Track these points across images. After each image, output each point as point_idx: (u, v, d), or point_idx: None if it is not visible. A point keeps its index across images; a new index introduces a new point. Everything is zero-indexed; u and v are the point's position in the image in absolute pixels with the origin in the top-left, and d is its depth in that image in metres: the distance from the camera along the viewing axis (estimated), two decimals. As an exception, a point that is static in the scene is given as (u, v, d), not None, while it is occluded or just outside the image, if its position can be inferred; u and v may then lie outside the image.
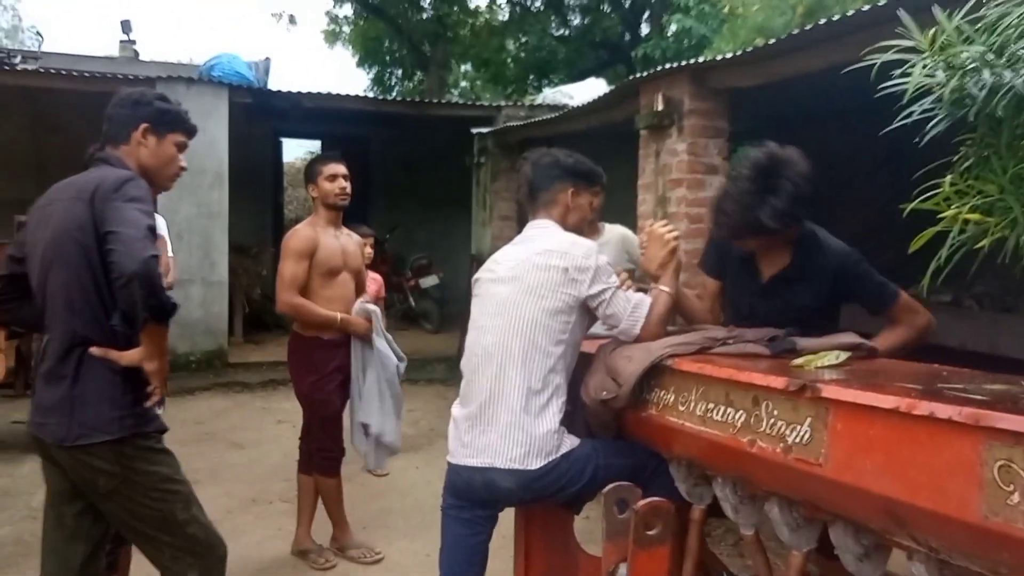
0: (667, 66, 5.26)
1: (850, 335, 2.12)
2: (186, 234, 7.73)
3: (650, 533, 1.43)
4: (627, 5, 17.08)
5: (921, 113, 1.62)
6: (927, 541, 1.44)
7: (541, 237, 2.40)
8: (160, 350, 2.23)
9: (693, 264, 4.90)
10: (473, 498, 2.32)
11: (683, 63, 5.08)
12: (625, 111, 5.97)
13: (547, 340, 2.26)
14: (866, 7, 3.42)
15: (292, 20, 18.23)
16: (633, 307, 2.29)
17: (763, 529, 2.03)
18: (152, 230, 2.14)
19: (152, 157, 2.41)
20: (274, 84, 9.87)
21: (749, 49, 4.61)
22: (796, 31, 4.09)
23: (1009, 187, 1.42)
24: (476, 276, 2.52)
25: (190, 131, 2.51)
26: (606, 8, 17.19)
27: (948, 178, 1.55)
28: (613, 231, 3.78)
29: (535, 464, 2.21)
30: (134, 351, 2.21)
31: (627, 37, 17.11)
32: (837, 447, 1.55)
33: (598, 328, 2.48)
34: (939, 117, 1.55)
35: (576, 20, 18.10)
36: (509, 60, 19.08)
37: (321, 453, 3.68)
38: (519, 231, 2.56)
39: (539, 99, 10.39)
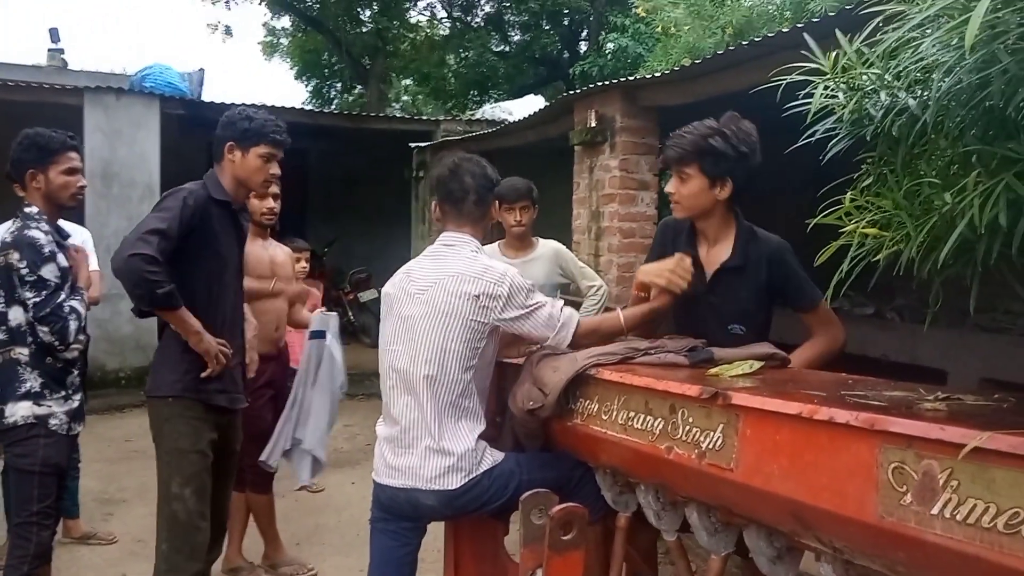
0: (599, 84, 5.36)
1: (765, 345, 2.20)
2: (114, 246, 7.51)
3: (565, 538, 1.46)
4: (566, 23, 17.30)
5: (824, 132, 1.70)
6: (831, 542, 1.51)
7: (453, 257, 2.37)
8: (186, 331, 2.63)
9: (626, 278, 5.00)
10: (398, 513, 2.34)
11: (615, 81, 5.18)
12: (561, 127, 6.06)
13: (457, 366, 2.27)
14: (786, 29, 3.55)
15: (228, 31, 17.98)
16: (560, 325, 2.32)
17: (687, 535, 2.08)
18: (157, 232, 2.50)
19: (240, 169, 2.81)
20: (209, 96, 9.74)
21: (676, 68, 4.73)
22: (721, 52, 4.21)
23: (903, 203, 1.50)
24: (386, 290, 2.49)
25: (275, 143, 2.82)
26: (545, 25, 17.38)
27: (848, 194, 1.63)
28: (546, 246, 3.83)
29: (455, 483, 2.24)
30: None
31: (566, 55, 17.33)
32: (747, 452, 1.61)
33: None
34: (840, 136, 1.63)
35: (516, 36, 18.27)
36: (450, 75, 19.14)
37: (253, 470, 3.62)
38: None
39: (478, 114, 10.46)
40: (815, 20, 3.19)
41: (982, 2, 1.00)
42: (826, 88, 1.68)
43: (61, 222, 4.09)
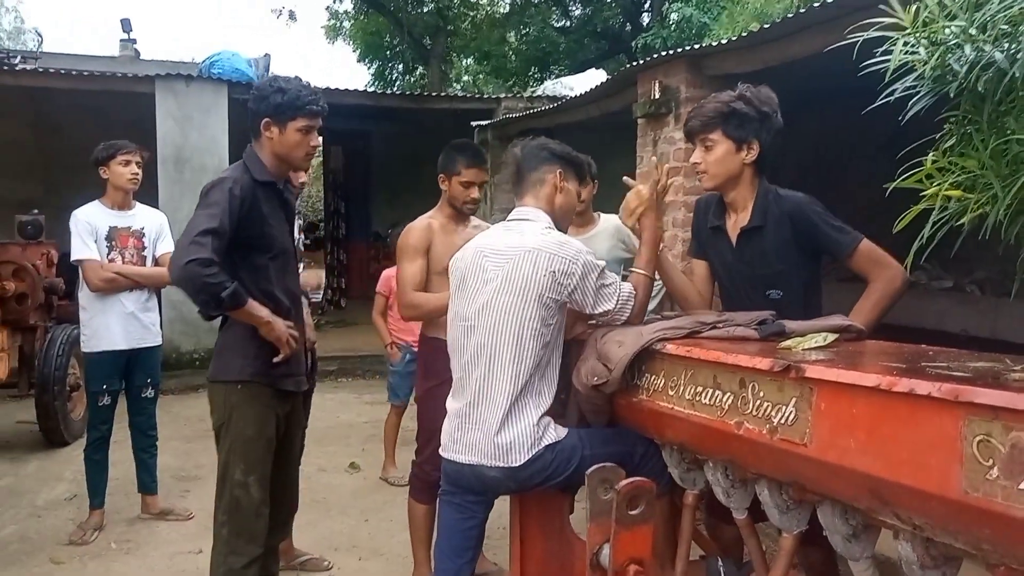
0: (663, 54, 5.24)
1: (838, 317, 2.11)
2: (188, 231, 7.74)
3: (632, 513, 1.43)
4: (628, -5, 17.05)
5: (904, 90, 1.62)
6: (911, 519, 1.44)
7: (529, 232, 2.35)
8: (256, 322, 2.61)
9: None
10: (465, 486, 2.35)
11: (679, 50, 5.06)
12: (623, 100, 5.95)
13: (534, 342, 2.25)
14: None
15: (292, 16, 18.21)
16: (624, 301, 2.31)
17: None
18: (209, 232, 2.43)
19: (280, 146, 2.68)
20: (274, 80, 9.87)
21: (743, 35, 4.59)
22: (791, 15, 4.07)
23: (989, 162, 1.41)
24: (456, 264, 2.49)
25: (312, 114, 2.67)
26: (607, -2, 17.16)
27: (930, 156, 1.55)
28: (608, 221, 3.76)
29: (519, 459, 2.22)
30: None
31: (628, 27, 17.06)
32: (821, 427, 1.55)
33: None
34: (921, 94, 1.55)
35: (577, 11, 18.06)
36: (510, 52, 19.04)
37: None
38: None
39: (539, 91, 10.36)
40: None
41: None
42: (906, 44, 1.59)
43: (140, 205, 4.25)
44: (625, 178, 2.72)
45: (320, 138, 2.78)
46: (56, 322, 5.81)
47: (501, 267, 2.30)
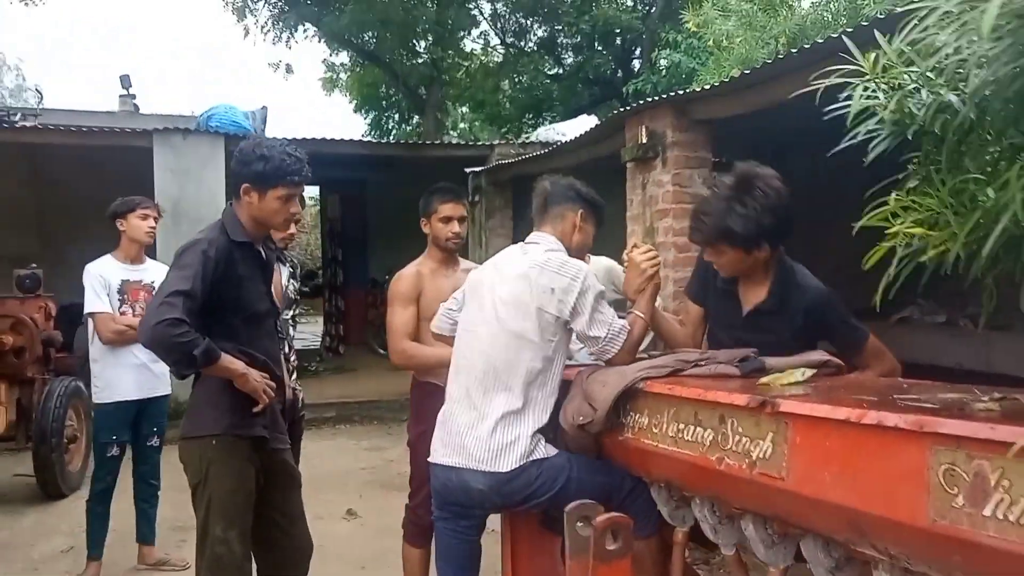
0: (649, 100, 5.36)
1: (819, 353, 2.16)
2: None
3: (611, 548, 1.46)
4: (618, 43, 17.34)
5: (867, 134, 1.68)
6: (886, 549, 1.47)
7: (534, 252, 2.45)
8: (231, 376, 2.59)
9: (682, 291, 4.95)
10: (452, 501, 2.40)
11: (664, 96, 5.18)
12: (612, 145, 6.07)
13: (530, 354, 2.33)
14: (834, 34, 3.51)
15: (289, 69, 18.47)
16: (616, 333, 2.35)
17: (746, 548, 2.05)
18: (180, 293, 2.44)
19: (259, 211, 2.69)
20: (272, 132, 10.03)
21: (726, 80, 4.70)
22: (770, 61, 4.18)
23: (948, 200, 1.47)
24: (473, 276, 2.63)
25: (293, 184, 2.69)
26: (598, 46, 17.45)
27: (893, 195, 1.60)
28: (598, 262, 3.81)
29: (506, 467, 2.28)
30: None
31: (619, 74, 17.35)
32: (797, 460, 1.59)
33: (582, 356, 2.55)
34: (881, 137, 1.61)
35: (569, 59, 18.36)
36: (505, 100, 19.33)
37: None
38: None
39: (532, 137, 10.53)
40: (863, 24, 3.16)
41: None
42: (866, 89, 1.66)
43: (150, 260, 4.32)
44: (625, 255, 2.68)
45: (299, 206, 2.83)
46: (54, 374, 5.84)
47: (507, 282, 2.41)
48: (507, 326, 2.36)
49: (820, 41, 3.58)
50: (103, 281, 4.10)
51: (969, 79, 1.37)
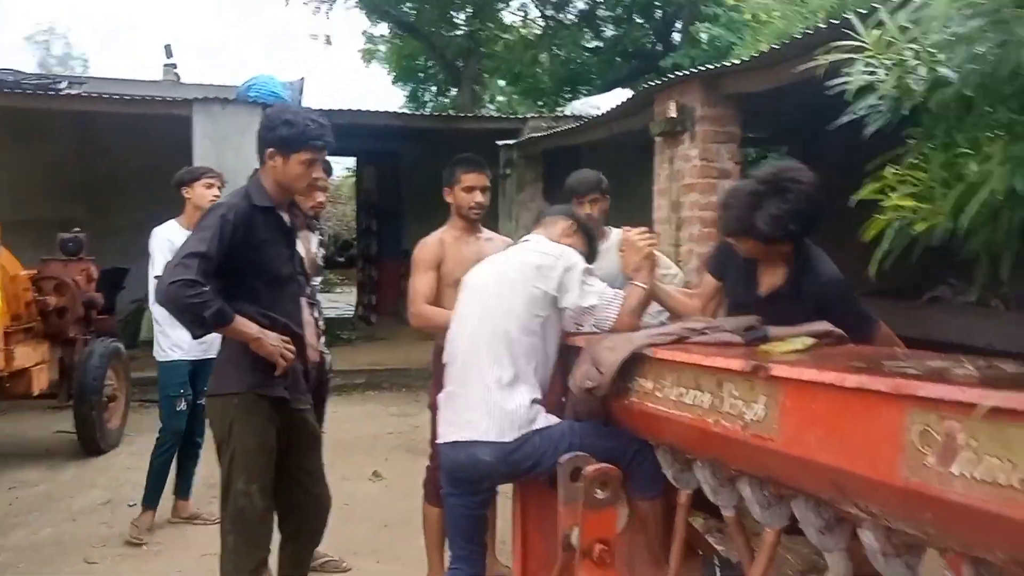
0: (679, 74, 5.36)
1: (822, 324, 2.20)
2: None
3: (599, 496, 1.54)
4: (658, 16, 17.16)
5: (868, 109, 1.72)
6: (868, 507, 1.53)
7: (525, 244, 2.74)
8: (246, 339, 2.68)
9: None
10: (463, 477, 2.50)
11: (693, 71, 5.18)
12: (642, 119, 6.08)
13: (519, 327, 2.46)
14: (863, 9, 3.49)
15: (328, 40, 18.63)
16: (609, 300, 2.49)
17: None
18: (196, 255, 2.55)
19: (282, 175, 2.78)
20: (310, 103, 10.17)
21: (755, 55, 4.69)
22: (800, 35, 4.17)
23: (939, 173, 1.51)
24: (468, 275, 2.77)
25: (316, 148, 2.76)
26: (638, 19, 17.29)
27: (888, 169, 1.65)
28: (619, 235, 3.84)
29: (509, 436, 2.38)
30: None
31: (659, 47, 17.18)
32: (787, 422, 1.65)
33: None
34: (881, 113, 1.64)
35: (609, 31, 18.22)
36: (542, 73, 19.25)
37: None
38: None
39: (567, 110, 10.54)
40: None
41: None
42: (867, 65, 1.69)
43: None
44: (622, 232, 2.88)
45: (322, 171, 2.92)
46: (95, 335, 6.06)
47: (496, 267, 2.63)
48: (497, 304, 2.52)
49: (847, 16, 3.56)
50: (171, 245, 4.22)
51: (957, 55, 1.41)
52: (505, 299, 2.51)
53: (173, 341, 4.27)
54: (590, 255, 2.81)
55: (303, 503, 2.98)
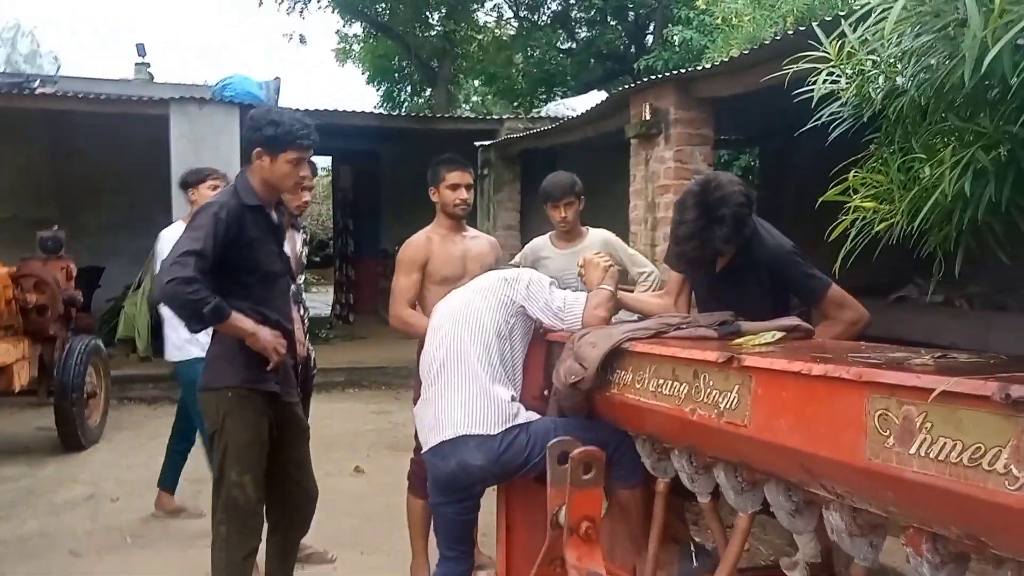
0: (653, 78, 5.49)
1: (790, 319, 2.33)
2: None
3: (585, 477, 1.64)
4: (631, 18, 17.35)
5: (830, 115, 1.84)
6: (834, 488, 1.65)
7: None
8: (242, 334, 2.76)
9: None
10: (454, 487, 2.56)
11: (667, 74, 5.30)
12: (618, 122, 6.20)
13: (493, 331, 2.63)
14: (828, 17, 3.63)
15: (302, 40, 18.54)
16: (574, 299, 2.69)
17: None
18: (192, 253, 2.60)
19: (270, 174, 2.85)
20: (285, 103, 10.18)
21: (726, 60, 4.83)
22: (768, 42, 4.30)
23: (897, 176, 1.63)
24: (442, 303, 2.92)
25: (302, 148, 2.85)
26: (611, 21, 17.46)
27: (852, 173, 1.77)
28: (596, 235, 3.94)
29: (495, 429, 2.47)
30: None
31: (632, 49, 17.36)
32: (758, 409, 1.76)
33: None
34: (842, 119, 1.77)
35: (582, 33, 18.38)
36: (517, 74, 19.37)
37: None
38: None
39: (543, 112, 10.65)
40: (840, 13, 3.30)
41: None
42: (830, 74, 1.81)
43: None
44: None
45: (308, 170, 2.97)
46: (74, 333, 6.07)
47: (470, 286, 2.84)
48: (471, 313, 2.67)
49: (816, 23, 3.70)
50: None
51: (911, 67, 1.53)
52: (478, 308, 2.67)
53: (182, 341, 4.23)
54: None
55: (292, 494, 3.06)
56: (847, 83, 1.76)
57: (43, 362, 5.89)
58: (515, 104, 18.67)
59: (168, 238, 4.34)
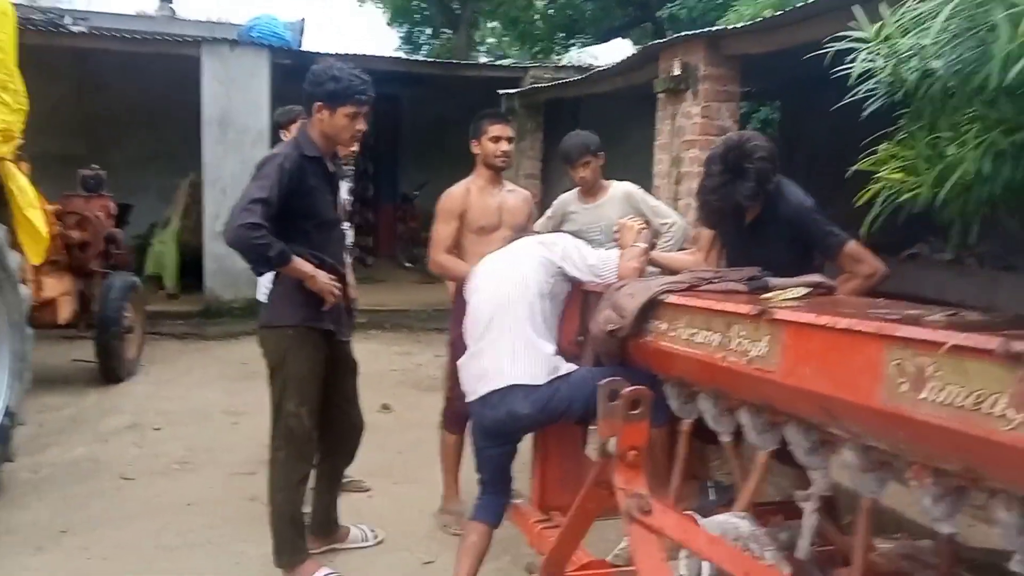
0: (684, 33, 5.58)
1: (815, 276, 2.51)
2: (230, 188, 8.08)
3: (633, 412, 1.85)
4: (656, -37, 17.12)
5: (866, 92, 2.00)
6: (850, 428, 1.86)
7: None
8: (301, 276, 2.97)
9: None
10: (500, 432, 2.79)
11: (699, 31, 5.40)
12: (646, 75, 6.29)
13: (536, 290, 2.81)
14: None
15: (323, -22, 18.48)
16: (608, 256, 2.90)
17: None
18: (259, 201, 2.80)
19: (329, 127, 3.04)
20: (308, 43, 10.24)
21: (759, 19, 4.92)
22: (800, 5, 4.40)
23: (924, 151, 1.80)
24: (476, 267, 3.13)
25: (359, 102, 3.02)
26: (635, -35, 17.24)
27: (883, 145, 1.94)
28: (617, 188, 4.08)
29: (541, 380, 2.70)
30: None
31: (656, -5, 17.18)
32: (786, 357, 1.96)
33: None
34: (877, 96, 1.93)
35: (607, -23, 18.14)
36: (537, 18, 19.19)
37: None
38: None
39: (565, 60, 10.66)
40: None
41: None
42: (869, 53, 1.97)
43: None
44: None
45: (364, 124, 3.09)
46: (113, 269, 6.30)
47: (508, 249, 3.02)
48: (515, 272, 2.85)
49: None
50: None
51: (945, 54, 1.69)
52: (522, 269, 2.85)
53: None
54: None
55: (342, 425, 3.31)
56: (883, 63, 1.91)
57: (83, 297, 6.13)
58: (534, 49, 18.55)
59: None
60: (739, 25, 5.11)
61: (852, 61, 2.01)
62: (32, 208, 4.22)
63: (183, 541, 3.56)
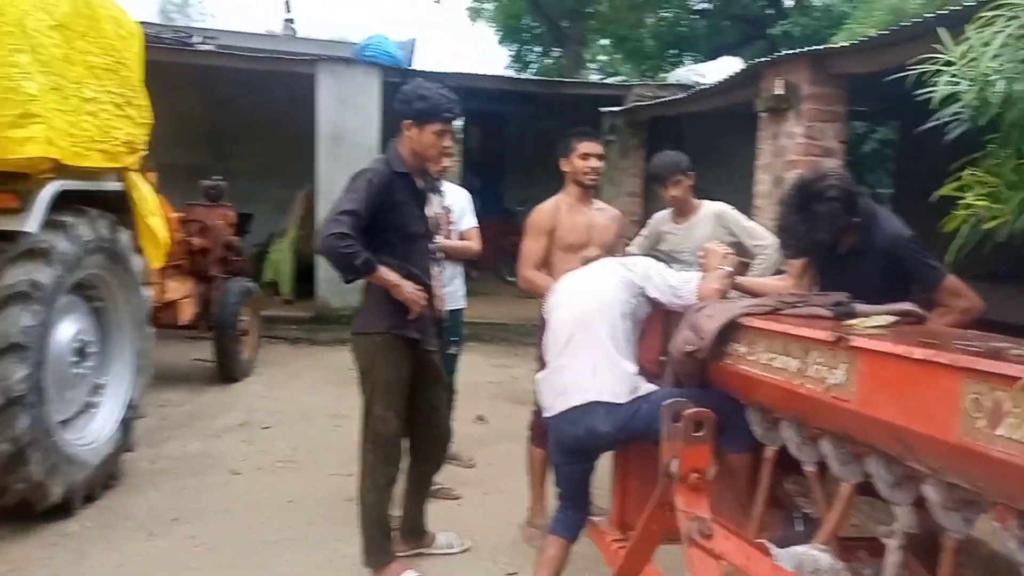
0: (787, 52, 5.50)
1: (906, 304, 2.45)
2: (342, 202, 8.43)
3: (696, 434, 1.87)
4: (770, -21, 16.83)
5: (951, 116, 1.96)
6: (927, 462, 1.82)
7: None
8: (387, 285, 3.10)
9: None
10: (579, 449, 2.82)
11: (802, 50, 5.31)
12: (748, 93, 6.22)
13: (618, 310, 2.85)
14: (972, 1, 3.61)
15: (437, -1, 19.01)
16: (689, 277, 2.93)
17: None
18: (348, 212, 2.95)
19: (417, 144, 3.18)
20: (419, 61, 10.56)
21: (863, 39, 4.80)
22: (907, 23, 4.28)
23: (1011, 178, 1.76)
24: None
25: (446, 120, 3.18)
26: (748, -18, 17.01)
27: (966, 171, 1.90)
28: (709, 208, 4.05)
29: (622, 399, 2.72)
30: None
31: (770, 12, 16.86)
32: (863, 386, 1.94)
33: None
34: (961, 121, 1.89)
35: (717, -6, 17.96)
36: (647, 36, 19.15)
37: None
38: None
39: (670, 78, 10.61)
40: (957, 8, 3.30)
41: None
42: (953, 76, 1.93)
43: (447, 184, 4.63)
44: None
45: (451, 140, 3.24)
46: (231, 275, 6.68)
47: (590, 269, 3.08)
48: (597, 290, 2.90)
49: (957, 8, 3.69)
50: None
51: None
52: (604, 288, 2.90)
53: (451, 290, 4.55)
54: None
55: (426, 429, 3.43)
56: (968, 86, 1.88)
57: (203, 300, 6.52)
58: (643, 66, 18.51)
59: None
60: (842, 44, 4.99)
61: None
62: (153, 215, 4.52)
63: (281, 536, 3.76)
